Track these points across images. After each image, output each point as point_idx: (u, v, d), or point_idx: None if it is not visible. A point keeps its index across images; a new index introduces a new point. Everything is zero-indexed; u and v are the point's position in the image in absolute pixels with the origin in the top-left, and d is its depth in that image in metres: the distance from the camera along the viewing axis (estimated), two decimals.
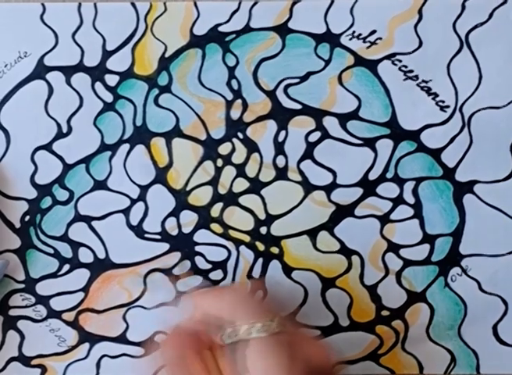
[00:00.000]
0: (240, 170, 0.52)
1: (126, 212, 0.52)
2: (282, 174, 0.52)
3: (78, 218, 0.52)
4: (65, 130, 0.52)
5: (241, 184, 0.52)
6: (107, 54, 0.52)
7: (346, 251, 0.53)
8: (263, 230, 0.52)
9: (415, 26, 0.52)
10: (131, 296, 0.53)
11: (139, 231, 0.52)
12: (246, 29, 0.52)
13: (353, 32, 0.52)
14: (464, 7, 0.52)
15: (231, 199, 0.52)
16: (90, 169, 0.52)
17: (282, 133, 0.52)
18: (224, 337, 0.42)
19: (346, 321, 0.53)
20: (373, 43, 0.52)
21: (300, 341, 0.43)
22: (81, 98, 0.52)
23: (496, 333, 0.53)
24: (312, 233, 0.52)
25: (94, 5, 0.52)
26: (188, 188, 0.52)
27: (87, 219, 0.52)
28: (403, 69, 0.52)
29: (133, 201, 0.52)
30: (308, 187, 0.52)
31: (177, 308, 0.52)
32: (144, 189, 0.52)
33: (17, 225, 0.52)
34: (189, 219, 0.52)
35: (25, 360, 0.53)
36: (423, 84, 0.52)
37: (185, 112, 0.52)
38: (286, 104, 0.52)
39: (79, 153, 0.52)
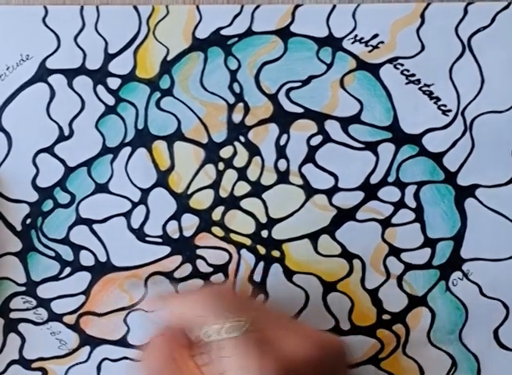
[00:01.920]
0: (242, 174, 0.52)
1: (127, 215, 0.52)
2: (283, 178, 0.52)
3: (79, 221, 0.52)
4: (66, 133, 0.52)
5: (242, 188, 0.52)
6: (109, 57, 0.52)
7: (347, 254, 0.52)
8: (264, 233, 0.52)
9: (417, 31, 0.52)
10: (132, 299, 0.53)
11: (140, 234, 0.52)
12: (248, 32, 0.52)
13: (356, 36, 0.52)
14: (466, 11, 0.52)
15: (232, 203, 0.52)
16: (91, 172, 0.52)
17: (284, 137, 0.52)
18: (198, 339, 0.42)
19: (347, 325, 0.53)
20: (375, 47, 0.52)
21: (280, 337, 0.42)
22: (83, 101, 0.52)
23: (497, 337, 0.53)
24: (313, 237, 0.52)
25: (96, 8, 0.52)
26: (189, 192, 0.52)
27: (89, 222, 0.52)
28: (405, 73, 0.52)
29: (135, 205, 0.52)
30: (310, 190, 0.52)
31: (150, 311, 0.51)
32: (145, 192, 0.52)
33: (18, 228, 0.52)
34: (190, 222, 0.52)
35: (25, 363, 0.53)
36: (425, 88, 0.52)
37: (187, 116, 0.52)
38: (288, 107, 0.52)
39: (80, 156, 0.52)
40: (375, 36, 0.52)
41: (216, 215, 0.53)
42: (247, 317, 0.42)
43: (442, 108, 0.52)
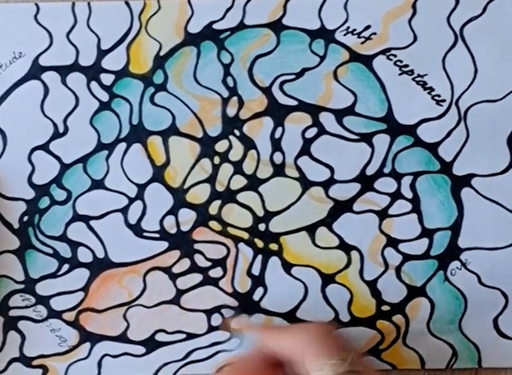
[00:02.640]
0: (238, 167, 0.52)
1: (124, 211, 0.52)
2: (279, 171, 0.52)
3: (76, 217, 0.52)
4: (61, 129, 0.52)
5: (239, 181, 0.52)
6: (102, 53, 0.52)
7: (345, 246, 0.53)
8: (262, 226, 0.52)
9: (409, 21, 0.52)
10: (131, 295, 0.53)
11: (137, 230, 0.53)
12: (240, 26, 0.52)
13: (348, 27, 0.52)
14: (457, 1, 0.52)
15: (229, 196, 0.53)
16: (87, 169, 0.52)
17: (279, 130, 0.52)
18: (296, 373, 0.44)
19: (346, 317, 0.53)
20: (368, 38, 0.52)
21: None
22: (77, 98, 0.52)
23: (496, 326, 0.53)
24: (311, 230, 0.52)
25: (87, 5, 0.52)
26: (186, 186, 0.52)
27: (86, 219, 0.52)
28: (399, 63, 0.52)
29: (131, 200, 0.52)
30: (306, 183, 0.52)
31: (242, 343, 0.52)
32: (141, 188, 0.52)
33: (16, 225, 0.52)
34: (187, 217, 0.52)
35: (26, 361, 0.53)
36: (418, 79, 0.52)
37: (181, 110, 0.52)
38: (282, 100, 0.52)
39: (76, 153, 0.52)
40: (368, 27, 0.52)
41: (213, 209, 0.53)
42: (348, 357, 0.43)
43: (436, 98, 0.52)
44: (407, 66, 0.52)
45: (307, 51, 0.52)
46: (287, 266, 0.53)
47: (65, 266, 0.53)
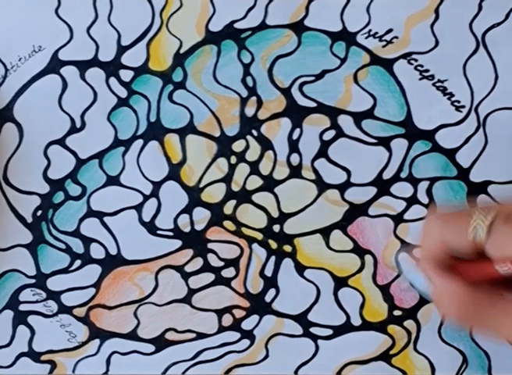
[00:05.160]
0: (254, 168, 0.52)
1: (138, 208, 0.52)
2: (295, 172, 0.52)
3: (90, 213, 0.52)
4: (78, 125, 0.52)
5: (255, 182, 0.52)
6: (122, 49, 0.52)
7: (359, 250, 0.52)
8: (276, 228, 0.52)
9: (432, 26, 0.52)
10: (143, 292, 0.52)
11: (151, 228, 0.52)
12: (262, 26, 0.52)
13: (370, 30, 0.52)
14: (480, 7, 0.52)
15: (244, 197, 0.52)
16: (103, 165, 0.52)
17: (297, 131, 0.52)
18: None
19: (358, 320, 0.53)
20: (389, 42, 0.52)
21: None
22: (95, 93, 0.52)
23: None
24: (325, 232, 0.52)
25: (109, 0, 0.51)
26: (201, 185, 0.52)
27: (100, 215, 0.52)
28: (419, 68, 0.52)
29: (146, 198, 0.52)
30: (322, 185, 0.52)
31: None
32: (156, 185, 0.52)
33: (29, 220, 0.52)
34: (202, 216, 0.52)
35: (35, 356, 0.53)
36: (439, 84, 0.52)
37: (199, 109, 0.52)
38: (301, 102, 0.52)
39: (92, 148, 0.52)
40: (389, 31, 0.52)
41: (228, 209, 0.52)
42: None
43: (456, 104, 0.52)
44: (427, 70, 0.52)
45: (327, 53, 0.52)
46: (300, 268, 0.53)
47: (78, 262, 0.52)
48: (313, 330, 0.52)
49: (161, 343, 0.53)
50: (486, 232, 0.38)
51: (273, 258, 0.52)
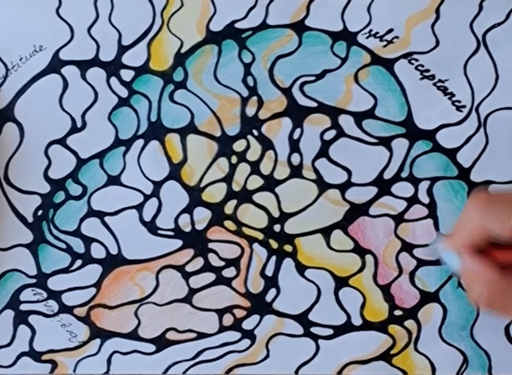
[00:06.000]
0: (255, 168, 0.52)
1: (139, 207, 0.52)
2: (296, 172, 0.52)
3: (91, 213, 0.52)
4: (79, 124, 0.52)
5: (255, 182, 0.52)
6: (122, 49, 0.52)
7: (359, 250, 0.52)
8: (277, 227, 0.52)
9: (432, 26, 0.52)
10: (143, 292, 0.52)
11: (152, 227, 0.52)
12: (262, 26, 0.52)
13: (370, 30, 0.52)
14: (481, 7, 0.52)
15: (245, 196, 0.52)
16: (103, 165, 0.52)
17: (298, 131, 0.52)
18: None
19: (358, 320, 0.53)
20: (390, 42, 0.52)
21: None
22: (96, 93, 0.52)
23: (508, 333, 0.53)
24: (326, 232, 0.52)
25: (110, 0, 0.51)
26: (202, 185, 0.52)
27: (100, 215, 0.52)
28: (420, 68, 0.52)
29: (147, 197, 0.52)
30: (323, 185, 0.52)
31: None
32: (157, 185, 0.52)
33: (30, 219, 0.52)
34: (202, 215, 0.52)
35: (35, 355, 0.53)
36: (439, 84, 0.52)
37: (200, 109, 0.52)
38: (302, 101, 0.52)
39: (93, 148, 0.52)
40: (390, 31, 0.52)
41: (229, 208, 0.52)
42: None
43: (457, 103, 0.52)
44: (428, 70, 0.52)
45: (328, 52, 0.52)
46: (301, 268, 0.53)
47: (78, 262, 0.52)
48: (313, 329, 0.53)
49: (161, 343, 0.53)
50: None
51: (274, 258, 0.52)
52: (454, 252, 0.42)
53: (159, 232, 0.52)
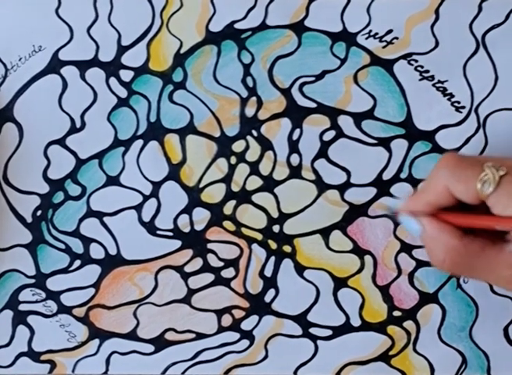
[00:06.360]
0: (254, 168, 0.52)
1: (138, 208, 0.52)
2: (295, 173, 0.52)
3: (90, 213, 0.52)
4: (78, 125, 0.52)
5: (254, 182, 0.52)
6: (122, 49, 0.52)
7: (358, 250, 0.52)
8: (276, 228, 0.52)
9: (432, 27, 0.52)
10: (142, 293, 0.52)
11: (151, 228, 0.52)
12: (262, 26, 0.52)
13: (370, 31, 0.52)
14: (480, 8, 0.52)
15: (244, 197, 0.52)
16: (103, 165, 0.52)
17: (297, 132, 0.52)
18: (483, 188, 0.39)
19: (357, 321, 0.53)
20: (389, 42, 0.52)
21: None
22: (95, 93, 0.52)
23: (507, 335, 0.52)
24: (325, 233, 0.52)
25: (109, 0, 0.51)
26: (201, 185, 0.52)
27: (99, 215, 0.52)
28: (419, 69, 0.52)
29: (146, 198, 0.52)
30: (322, 186, 0.52)
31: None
32: (156, 185, 0.52)
33: (29, 220, 0.52)
34: (201, 216, 0.52)
35: (34, 355, 0.53)
36: (439, 85, 0.52)
37: (199, 109, 0.52)
38: (301, 102, 0.52)
39: (92, 148, 0.52)
40: (390, 31, 0.52)
41: (228, 209, 0.52)
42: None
43: (456, 104, 0.52)
44: (427, 71, 0.52)
45: (328, 53, 0.52)
46: (300, 269, 0.52)
47: (77, 262, 0.52)
48: (312, 330, 0.52)
49: (160, 343, 0.53)
50: (494, 186, 0.38)
51: (273, 258, 0.52)
52: (414, 218, 0.42)
53: (158, 232, 0.52)
